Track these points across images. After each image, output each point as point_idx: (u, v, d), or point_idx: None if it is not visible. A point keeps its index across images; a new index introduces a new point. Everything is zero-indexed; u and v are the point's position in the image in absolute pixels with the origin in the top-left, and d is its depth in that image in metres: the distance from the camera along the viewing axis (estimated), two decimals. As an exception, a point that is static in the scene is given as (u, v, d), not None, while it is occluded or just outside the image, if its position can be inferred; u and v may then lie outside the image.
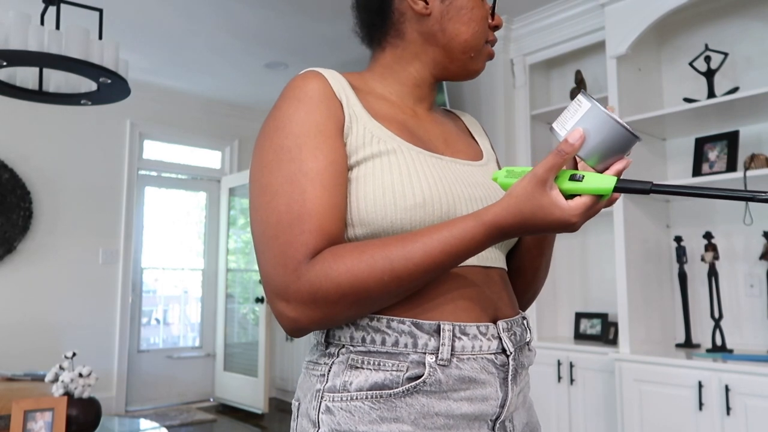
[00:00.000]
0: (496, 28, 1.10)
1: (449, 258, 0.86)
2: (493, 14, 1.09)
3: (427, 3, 1.05)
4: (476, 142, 1.19)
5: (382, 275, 0.84)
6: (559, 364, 3.56)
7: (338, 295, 0.85)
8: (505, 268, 1.07)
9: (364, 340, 0.91)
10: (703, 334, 3.45)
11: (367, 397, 0.88)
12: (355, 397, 0.89)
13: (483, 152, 1.15)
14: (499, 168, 1.16)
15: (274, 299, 0.88)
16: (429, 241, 0.85)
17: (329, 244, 0.88)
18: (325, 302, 0.85)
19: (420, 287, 0.89)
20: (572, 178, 0.84)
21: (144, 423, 3.72)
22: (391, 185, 0.91)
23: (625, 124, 0.82)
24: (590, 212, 0.84)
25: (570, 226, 0.83)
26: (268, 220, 0.89)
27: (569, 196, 0.84)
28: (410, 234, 0.87)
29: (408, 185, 0.92)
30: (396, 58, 1.08)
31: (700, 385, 2.86)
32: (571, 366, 3.51)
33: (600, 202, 0.84)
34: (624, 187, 0.82)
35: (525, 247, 1.11)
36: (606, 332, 3.74)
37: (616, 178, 0.82)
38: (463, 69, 1.09)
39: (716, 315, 3.27)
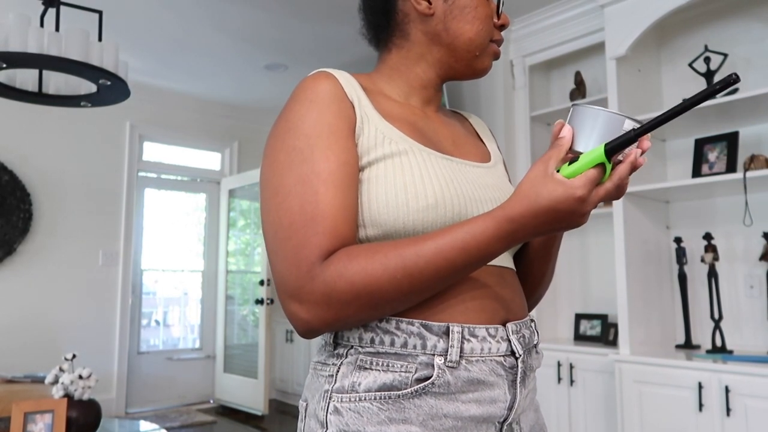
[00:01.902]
0: (503, 27, 1.10)
1: (461, 255, 0.85)
2: (498, 13, 1.09)
3: (430, 3, 1.05)
4: (484, 143, 1.20)
5: (395, 273, 0.84)
6: (559, 365, 3.56)
7: (352, 295, 0.85)
8: (515, 269, 1.07)
9: (372, 341, 0.91)
10: (703, 335, 3.45)
11: (375, 398, 0.88)
12: (363, 398, 0.89)
13: (491, 154, 1.16)
14: (506, 170, 1.18)
15: (287, 300, 0.88)
16: (441, 239, 0.85)
17: (342, 245, 0.88)
18: (339, 302, 0.85)
19: (435, 289, 0.88)
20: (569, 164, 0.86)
21: (144, 425, 3.71)
22: (403, 186, 0.91)
23: (606, 108, 0.85)
24: (597, 193, 0.83)
25: (577, 202, 0.81)
26: (281, 222, 0.89)
27: None
28: (424, 234, 0.87)
29: (420, 186, 0.92)
30: (402, 58, 1.09)
31: (700, 386, 2.86)
32: (571, 367, 3.51)
33: (605, 180, 0.83)
34: (613, 146, 0.82)
35: (533, 253, 1.11)
36: (606, 333, 3.74)
37: (604, 144, 0.83)
38: (469, 68, 1.09)
39: (716, 316, 3.27)
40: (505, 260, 1.02)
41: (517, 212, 0.83)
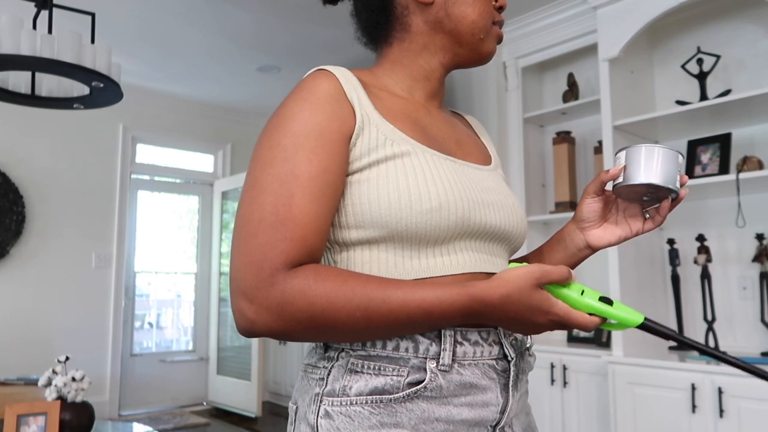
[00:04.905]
0: (501, 9, 1.10)
1: (423, 316, 0.85)
2: None
3: None
4: (484, 145, 1.19)
5: (355, 310, 0.83)
6: (552, 367, 3.56)
7: (306, 315, 0.83)
8: None
9: (364, 344, 0.90)
10: (696, 337, 3.46)
11: (367, 402, 0.87)
12: (354, 402, 0.88)
13: (492, 156, 1.15)
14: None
15: (237, 296, 0.86)
16: (411, 292, 0.84)
17: (308, 256, 0.87)
18: (290, 317, 0.84)
19: (384, 336, 0.88)
20: (602, 299, 0.88)
21: (137, 427, 3.70)
22: (406, 188, 0.90)
23: (658, 145, 0.95)
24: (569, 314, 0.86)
25: (539, 323, 0.85)
26: (250, 216, 0.87)
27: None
28: (396, 281, 0.86)
29: (424, 189, 0.90)
30: (404, 51, 1.07)
31: (693, 388, 2.87)
32: (564, 369, 3.51)
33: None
34: (649, 326, 0.88)
35: None
36: (599, 335, 3.74)
37: (644, 317, 0.88)
38: (474, 52, 1.08)
39: (709, 317, 3.28)
40: (500, 265, 1.01)
41: (491, 302, 0.85)
